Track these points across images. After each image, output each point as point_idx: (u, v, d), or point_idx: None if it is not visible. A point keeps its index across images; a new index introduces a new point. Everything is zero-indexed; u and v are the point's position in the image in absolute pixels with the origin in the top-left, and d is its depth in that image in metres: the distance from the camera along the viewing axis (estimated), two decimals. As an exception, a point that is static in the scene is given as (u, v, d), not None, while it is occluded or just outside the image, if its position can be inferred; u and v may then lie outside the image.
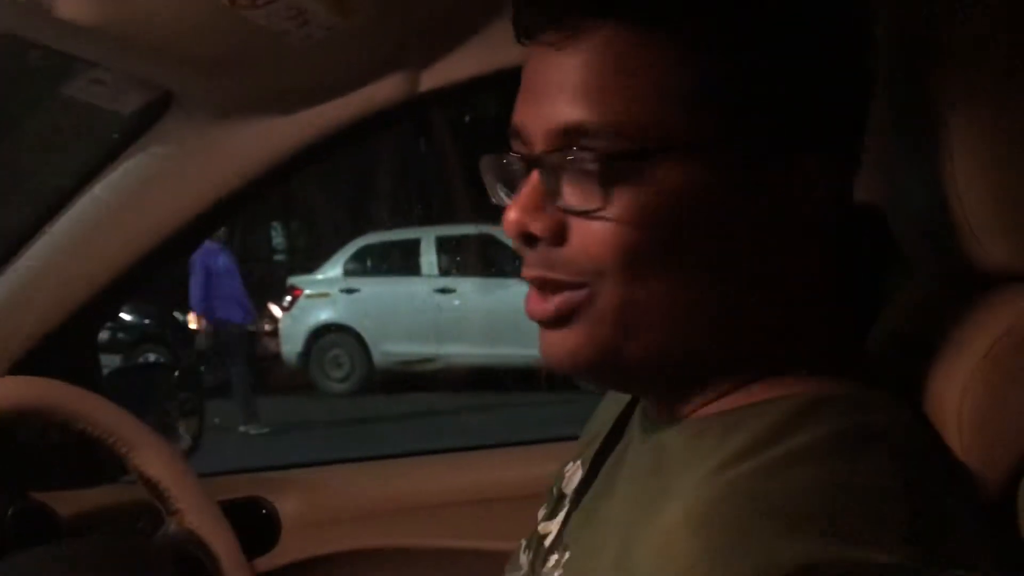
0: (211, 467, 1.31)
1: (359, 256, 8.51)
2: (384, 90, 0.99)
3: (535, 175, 0.54)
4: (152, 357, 8.15)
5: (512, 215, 0.54)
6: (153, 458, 1.00)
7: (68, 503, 1.13)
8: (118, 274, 1.10)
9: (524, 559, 0.69)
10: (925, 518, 0.47)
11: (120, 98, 0.97)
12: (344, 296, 8.23)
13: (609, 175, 0.51)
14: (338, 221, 10.74)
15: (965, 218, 0.57)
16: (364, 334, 8.07)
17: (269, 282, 10.21)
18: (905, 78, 0.61)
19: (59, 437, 1.08)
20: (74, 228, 1.09)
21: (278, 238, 11.92)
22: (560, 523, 0.66)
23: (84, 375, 1.18)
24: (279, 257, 11.91)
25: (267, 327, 8.67)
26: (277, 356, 8.46)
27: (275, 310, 8.80)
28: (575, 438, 1.22)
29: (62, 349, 1.13)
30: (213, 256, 6.85)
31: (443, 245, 8.18)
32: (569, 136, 0.52)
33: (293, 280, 8.72)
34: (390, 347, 8.01)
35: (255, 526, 1.21)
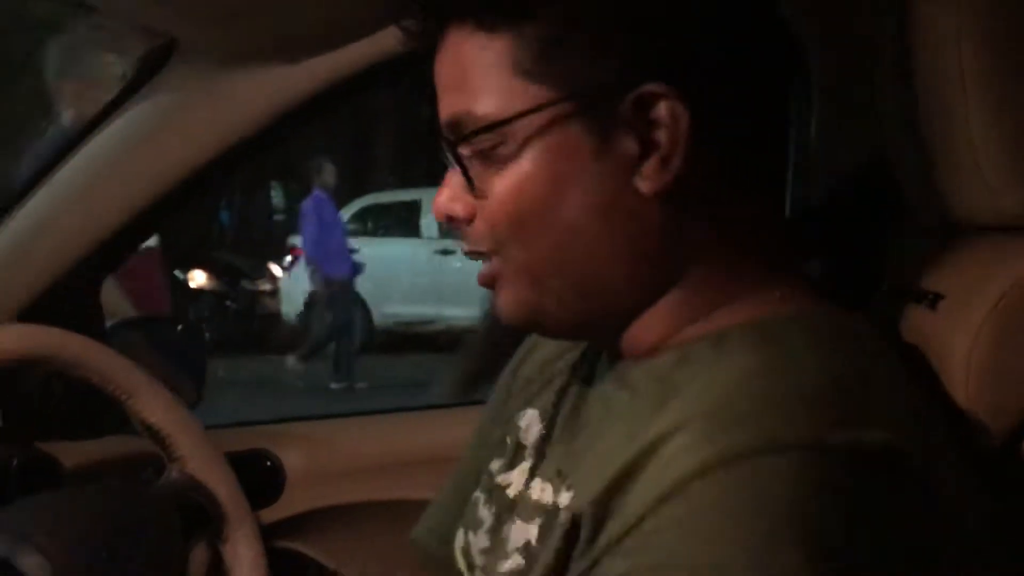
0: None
1: (359, 217, 8.49)
2: (388, 40, 0.97)
3: (452, 166, 0.61)
4: (153, 315, 8.18)
5: (436, 202, 0.62)
6: (154, 405, 1.00)
7: (73, 454, 1.13)
8: (122, 225, 1.09)
9: (486, 512, 0.70)
10: (911, 408, 0.51)
11: (122, 44, 0.96)
12: (344, 256, 8.22)
13: (480, 159, 0.58)
14: (338, 181, 10.69)
15: (978, 167, 0.57)
16: (364, 295, 8.08)
17: (268, 241, 10.21)
18: (918, 24, 0.60)
19: (64, 388, 1.08)
20: (78, 177, 1.08)
21: (278, 197, 11.88)
22: (526, 474, 0.67)
23: (87, 326, 1.18)
24: (279, 216, 11.88)
25: (267, 287, 8.69)
26: (277, 315, 8.48)
27: (275, 270, 8.81)
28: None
29: (65, 300, 1.13)
30: (324, 206, 6.85)
31: (444, 206, 8.13)
32: (453, 129, 0.59)
33: (294, 240, 8.71)
34: (390, 308, 8.02)
35: (260, 478, 1.22)
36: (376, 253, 8.21)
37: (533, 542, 0.61)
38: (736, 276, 0.59)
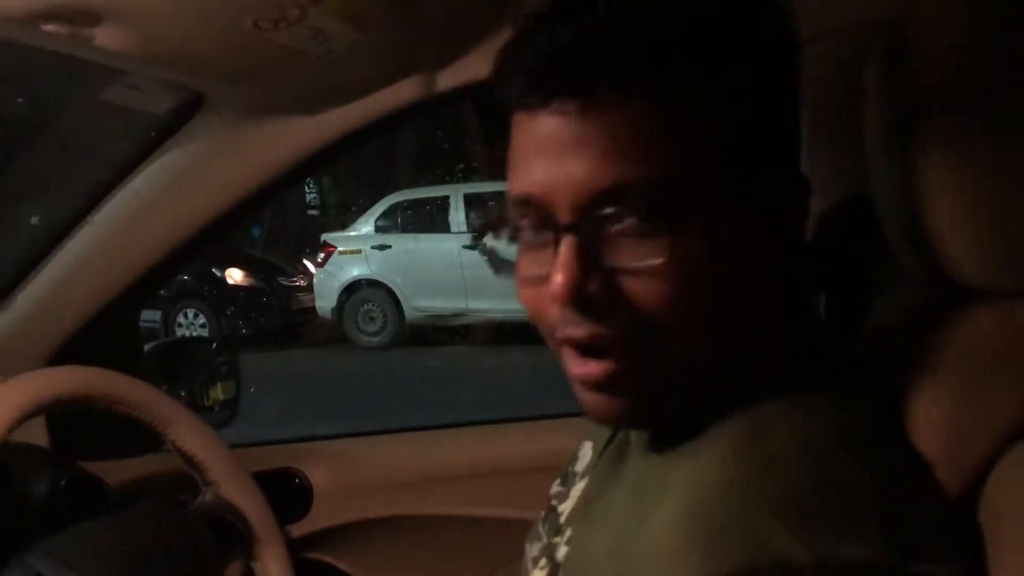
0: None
1: (390, 213, 8.56)
2: (402, 91, 1.03)
3: (572, 240, 0.53)
4: (191, 312, 8.31)
5: (561, 281, 0.53)
6: (188, 433, 1.08)
7: (116, 472, 1.21)
8: (155, 263, 1.16)
9: (543, 530, 0.74)
10: (897, 515, 0.51)
11: (154, 101, 1.02)
12: (376, 252, 8.31)
13: (657, 231, 0.52)
14: (369, 178, 10.77)
15: (940, 233, 0.60)
16: (395, 289, 8.17)
17: (303, 237, 10.32)
18: (891, 96, 0.63)
19: (106, 411, 1.14)
20: (113, 220, 1.15)
21: (312, 194, 12.00)
22: (573, 501, 0.72)
23: (125, 356, 1.25)
24: (313, 212, 12.01)
25: (302, 282, 8.81)
26: (311, 310, 8.60)
27: (309, 266, 8.92)
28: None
29: (104, 333, 1.20)
30: None
31: (471, 202, 8.19)
32: (607, 198, 0.52)
33: (327, 236, 8.80)
34: (421, 302, 8.10)
35: (288, 495, 1.29)
36: (406, 248, 8.29)
37: None
38: (757, 354, 0.58)
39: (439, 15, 0.96)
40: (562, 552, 0.66)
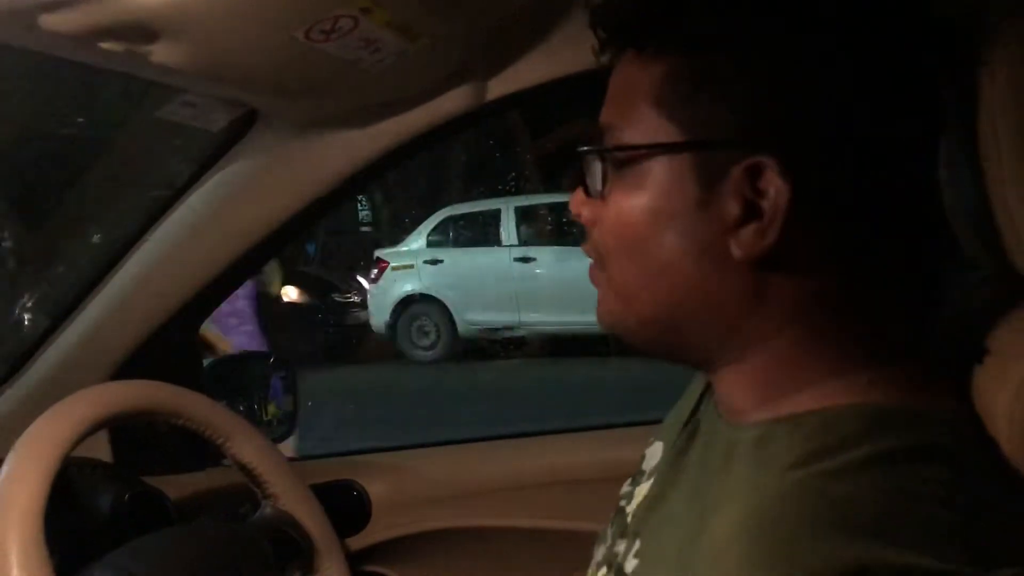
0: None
1: (441, 227, 8.62)
2: (453, 100, 1.03)
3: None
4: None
5: (572, 199, 0.66)
6: (247, 446, 1.08)
7: (177, 486, 1.22)
8: (213, 278, 1.18)
9: (609, 532, 0.73)
10: (975, 527, 0.49)
11: (209, 117, 1.03)
12: (428, 267, 8.36)
13: (607, 168, 0.61)
14: (421, 193, 10.87)
15: (1013, 223, 0.58)
16: (448, 303, 8.20)
17: (357, 253, 10.46)
18: (961, 81, 0.62)
19: (167, 427, 1.16)
20: (171, 237, 1.16)
21: (364, 210, 12.16)
22: (639, 499, 0.71)
23: (185, 370, 1.27)
24: (365, 229, 12.16)
25: (355, 298, 8.91)
26: (365, 326, 8.69)
27: (363, 282, 9.02)
28: (653, 422, 1.26)
29: (165, 348, 1.22)
30: None
31: (522, 215, 8.21)
32: (598, 136, 0.62)
33: (379, 252, 8.90)
34: (473, 316, 8.13)
35: (347, 507, 1.29)
36: (458, 262, 8.33)
37: None
38: (824, 354, 0.58)
39: (488, 23, 0.96)
40: (631, 564, 0.65)
